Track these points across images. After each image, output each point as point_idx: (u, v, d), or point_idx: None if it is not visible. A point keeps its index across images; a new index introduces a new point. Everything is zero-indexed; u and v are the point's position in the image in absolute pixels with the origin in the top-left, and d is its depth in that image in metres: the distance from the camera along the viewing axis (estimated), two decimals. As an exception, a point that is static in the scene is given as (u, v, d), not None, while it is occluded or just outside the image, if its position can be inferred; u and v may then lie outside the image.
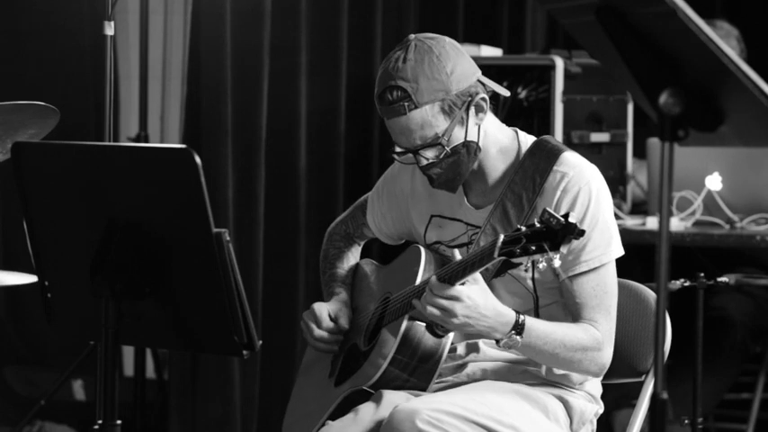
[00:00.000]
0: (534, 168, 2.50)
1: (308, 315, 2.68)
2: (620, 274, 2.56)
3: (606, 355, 2.49)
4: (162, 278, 2.20)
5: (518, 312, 2.42)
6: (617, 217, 2.54)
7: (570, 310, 2.51)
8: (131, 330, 2.24)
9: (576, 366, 2.49)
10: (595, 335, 2.47)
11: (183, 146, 2.11)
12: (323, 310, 2.68)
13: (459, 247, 2.57)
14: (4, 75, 4.26)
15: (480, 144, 2.50)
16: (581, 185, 2.47)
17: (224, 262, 2.11)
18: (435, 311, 2.38)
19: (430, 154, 2.47)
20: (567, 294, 2.49)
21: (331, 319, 2.68)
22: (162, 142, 4.52)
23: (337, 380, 2.64)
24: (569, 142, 4.19)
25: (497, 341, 2.44)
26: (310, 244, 4.19)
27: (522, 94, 4.18)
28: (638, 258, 3.85)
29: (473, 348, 2.56)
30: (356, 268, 2.82)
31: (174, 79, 4.61)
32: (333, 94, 4.34)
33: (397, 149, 2.51)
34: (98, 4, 3.08)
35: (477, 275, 2.39)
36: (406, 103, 2.43)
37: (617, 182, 4.34)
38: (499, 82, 2.57)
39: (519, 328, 2.41)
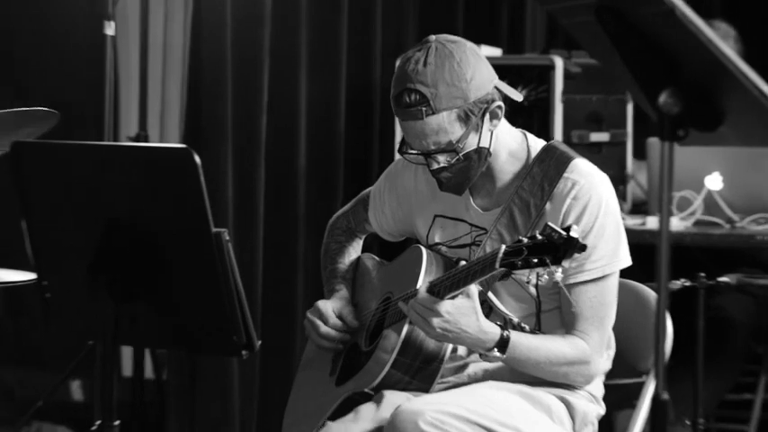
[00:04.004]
0: (543, 175, 2.49)
1: (313, 312, 2.68)
2: (620, 275, 2.56)
3: (594, 368, 2.50)
4: (161, 278, 2.20)
5: (503, 328, 2.42)
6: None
7: (564, 318, 2.51)
8: (130, 331, 2.24)
9: (561, 379, 2.51)
10: (583, 349, 2.47)
11: (183, 146, 2.12)
12: (328, 307, 2.68)
13: (461, 247, 2.57)
14: (2, 75, 4.26)
15: (491, 149, 2.50)
16: (591, 194, 2.46)
17: (223, 262, 2.11)
18: (417, 318, 2.40)
19: (442, 158, 2.46)
20: (565, 301, 2.49)
21: (336, 316, 2.68)
22: (162, 142, 4.51)
23: (338, 379, 2.64)
24: (569, 142, 4.19)
25: (480, 354, 2.45)
26: (310, 244, 4.19)
27: (522, 93, 4.18)
28: (638, 258, 3.85)
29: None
30: (357, 262, 2.82)
31: (173, 79, 4.61)
32: (333, 94, 4.34)
33: (409, 150, 2.51)
34: (98, 4, 3.08)
35: (472, 289, 2.39)
36: (423, 108, 2.42)
37: (617, 181, 4.34)
38: (500, 81, 2.56)
39: (503, 344, 2.42)
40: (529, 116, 4.17)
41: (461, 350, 2.56)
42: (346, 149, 4.39)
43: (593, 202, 2.46)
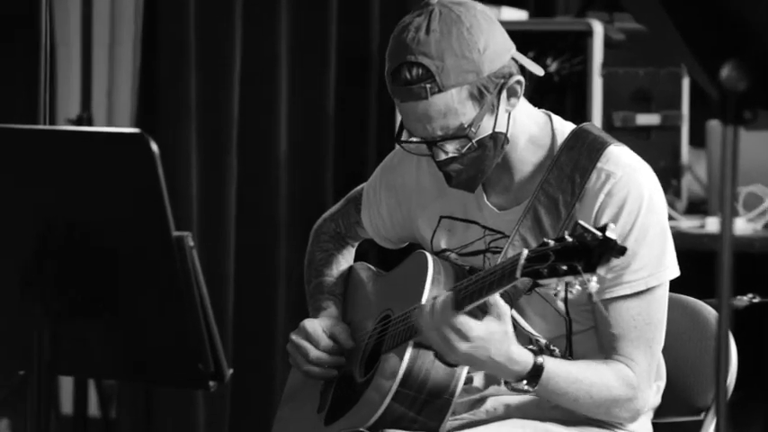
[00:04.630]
0: (573, 165, 2.50)
1: (299, 334, 2.69)
2: (673, 288, 2.57)
3: (641, 402, 2.51)
4: (109, 292, 2.21)
5: (536, 353, 2.42)
6: (670, 218, 2.56)
7: (602, 341, 2.51)
8: (70, 357, 2.24)
9: (602, 414, 2.51)
10: (629, 379, 2.48)
11: (136, 130, 2.13)
12: (317, 327, 2.69)
13: (473, 255, 2.58)
14: None
15: (509, 134, 2.50)
16: (630, 189, 2.47)
17: (186, 272, 2.12)
18: (437, 339, 2.40)
19: (450, 147, 2.46)
20: (601, 321, 2.50)
21: (328, 336, 2.68)
22: (109, 125, 4.52)
23: (328, 416, 2.65)
24: (610, 126, 4.20)
25: (505, 382, 2.46)
26: (293, 251, 4.20)
27: (553, 66, 4.19)
28: (695, 269, 3.86)
29: (493, 379, 2.57)
30: (349, 274, 2.83)
31: (124, 45, 4.61)
32: (320, 64, 4.35)
33: (409, 138, 2.51)
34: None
35: (503, 308, 2.38)
36: (427, 85, 2.43)
37: (670, 174, 4.35)
38: (524, 52, 2.57)
39: (535, 374, 2.42)
40: (561, 94, 4.18)
41: (478, 381, 2.57)
42: (337, 134, 4.39)
43: (632, 199, 2.47)
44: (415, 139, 2.50)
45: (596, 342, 2.54)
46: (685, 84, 4.42)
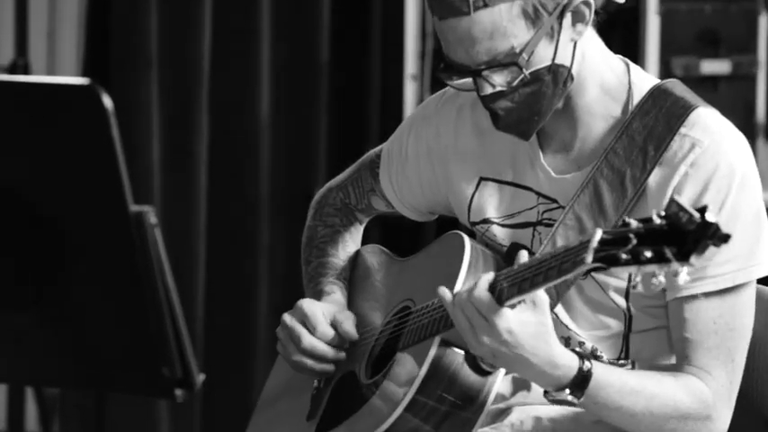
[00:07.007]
0: (647, 134, 2.50)
1: (294, 315, 2.69)
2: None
3: (719, 425, 2.50)
4: (51, 279, 2.21)
5: (584, 358, 2.42)
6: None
7: (674, 346, 2.52)
8: (4, 360, 2.25)
9: None
10: (702, 394, 2.48)
11: (85, 80, 2.12)
12: (316, 309, 2.69)
13: (521, 227, 2.58)
14: None
15: (574, 71, 2.50)
16: (719, 161, 2.47)
17: (146, 256, 2.12)
18: (465, 324, 2.39)
19: (499, 78, 2.46)
20: (674, 322, 2.50)
21: (330, 323, 2.68)
22: (51, 74, 4.52)
23: (321, 425, 2.66)
24: (668, 76, 4.19)
25: (545, 392, 2.45)
26: (276, 228, 4.20)
27: None
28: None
29: (522, 385, 2.58)
30: (356, 258, 2.84)
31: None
32: (311, 6, 4.34)
33: (449, 71, 2.50)
34: None
35: (542, 298, 2.37)
36: None
37: (742, 135, 4.35)
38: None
39: (580, 384, 2.41)
40: (608, 34, 4.17)
41: (504, 387, 2.58)
42: (332, 84, 4.39)
43: (721, 174, 2.47)
44: (455, 65, 2.47)
45: (662, 346, 2.54)
46: (762, 23, 4.42)
